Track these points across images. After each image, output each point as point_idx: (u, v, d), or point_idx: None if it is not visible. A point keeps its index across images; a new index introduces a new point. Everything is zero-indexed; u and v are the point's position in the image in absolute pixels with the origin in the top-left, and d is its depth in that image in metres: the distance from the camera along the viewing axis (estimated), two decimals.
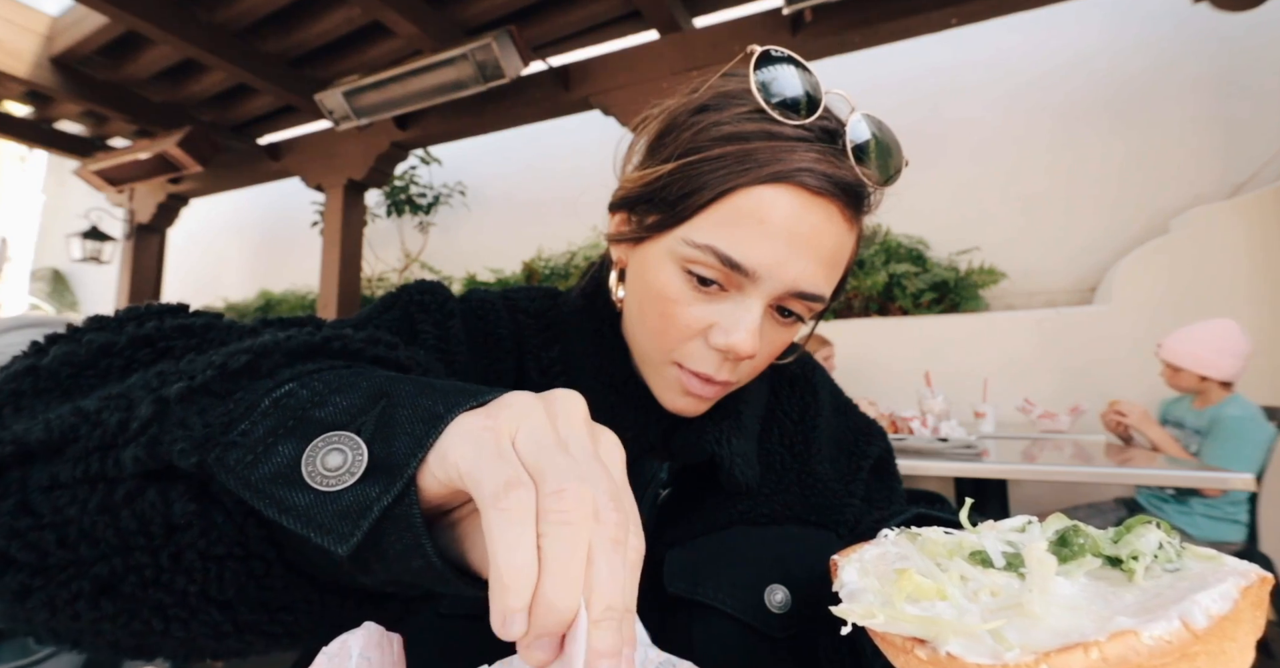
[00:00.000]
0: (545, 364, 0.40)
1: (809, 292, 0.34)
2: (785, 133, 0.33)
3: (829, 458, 0.44)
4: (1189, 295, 2.18)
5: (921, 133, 2.99)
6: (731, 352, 0.33)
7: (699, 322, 0.34)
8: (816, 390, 0.46)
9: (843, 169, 0.33)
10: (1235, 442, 1.50)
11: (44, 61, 2.76)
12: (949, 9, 2.04)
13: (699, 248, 0.33)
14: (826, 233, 0.33)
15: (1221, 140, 2.45)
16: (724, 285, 0.33)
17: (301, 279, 4.39)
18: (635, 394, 0.39)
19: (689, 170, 0.33)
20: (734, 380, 0.36)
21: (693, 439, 0.39)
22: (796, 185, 0.32)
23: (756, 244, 0.32)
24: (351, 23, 2.45)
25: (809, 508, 0.40)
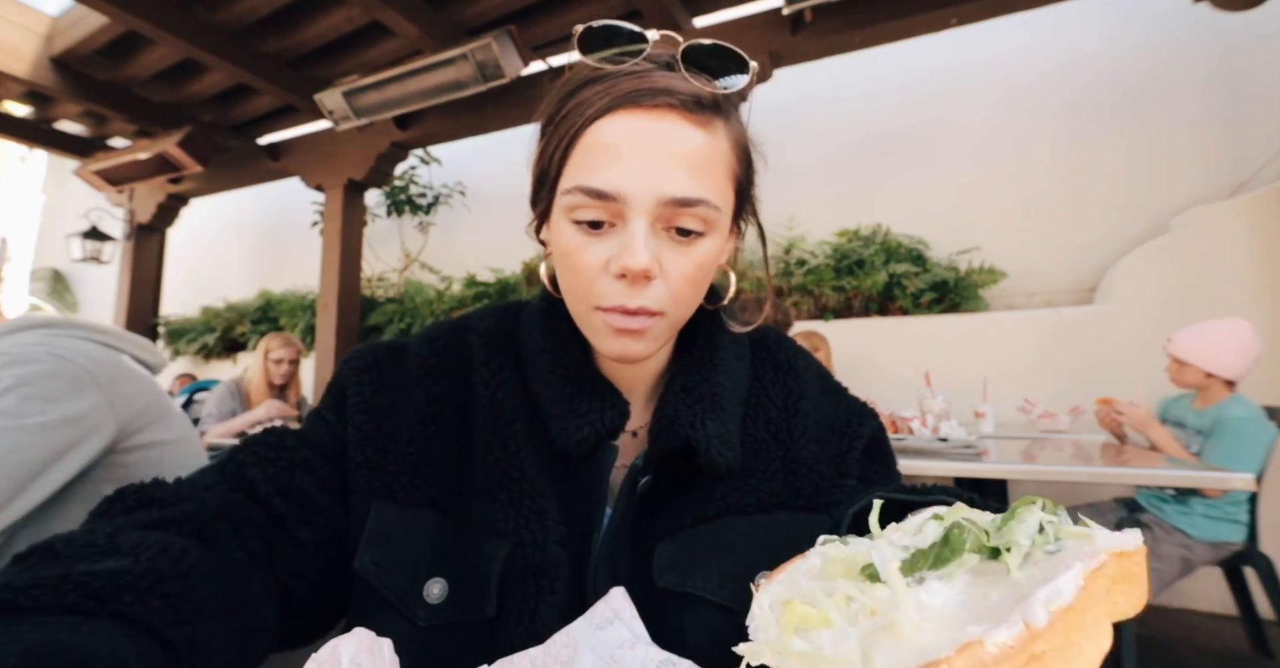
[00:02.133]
0: (488, 377, 0.42)
1: (681, 196, 0.34)
2: (611, 73, 0.36)
3: (816, 440, 0.43)
4: (1190, 296, 2.18)
5: (922, 133, 2.99)
6: (628, 270, 0.34)
7: (598, 259, 0.35)
8: (799, 374, 0.46)
9: (672, 80, 0.35)
10: (1238, 442, 1.50)
11: (44, 61, 2.76)
12: (949, 9, 2.04)
13: (570, 193, 0.35)
14: (674, 138, 0.34)
15: (1222, 140, 2.45)
16: (608, 221, 0.35)
17: (301, 279, 4.39)
18: (591, 381, 0.40)
19: (550, 137, 0.37)
20: (655, 307, 0.36)
21: (666, 424, 0.39)
22: (628, 107, 0.34)
23: (612, 168, 0.34)
24: (351, 22, 2.45)
25: (795, 493, 0.40)
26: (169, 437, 0.87)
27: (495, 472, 0.39)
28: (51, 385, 0.73)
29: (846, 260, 2.76)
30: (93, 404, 0.76)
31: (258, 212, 5.01)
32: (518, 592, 0.36)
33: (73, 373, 0.76)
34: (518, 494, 0.38)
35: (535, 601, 0.36)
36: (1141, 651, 1.52)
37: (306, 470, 0.39)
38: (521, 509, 0.38)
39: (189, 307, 4.84)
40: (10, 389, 0.71)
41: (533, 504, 0.38)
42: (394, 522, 0.38)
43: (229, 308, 4.58)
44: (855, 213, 2.98)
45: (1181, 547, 1.53)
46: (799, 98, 3.18)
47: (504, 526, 0.37)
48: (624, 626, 0.27)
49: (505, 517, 0.37)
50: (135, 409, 0.82)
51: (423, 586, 0.36)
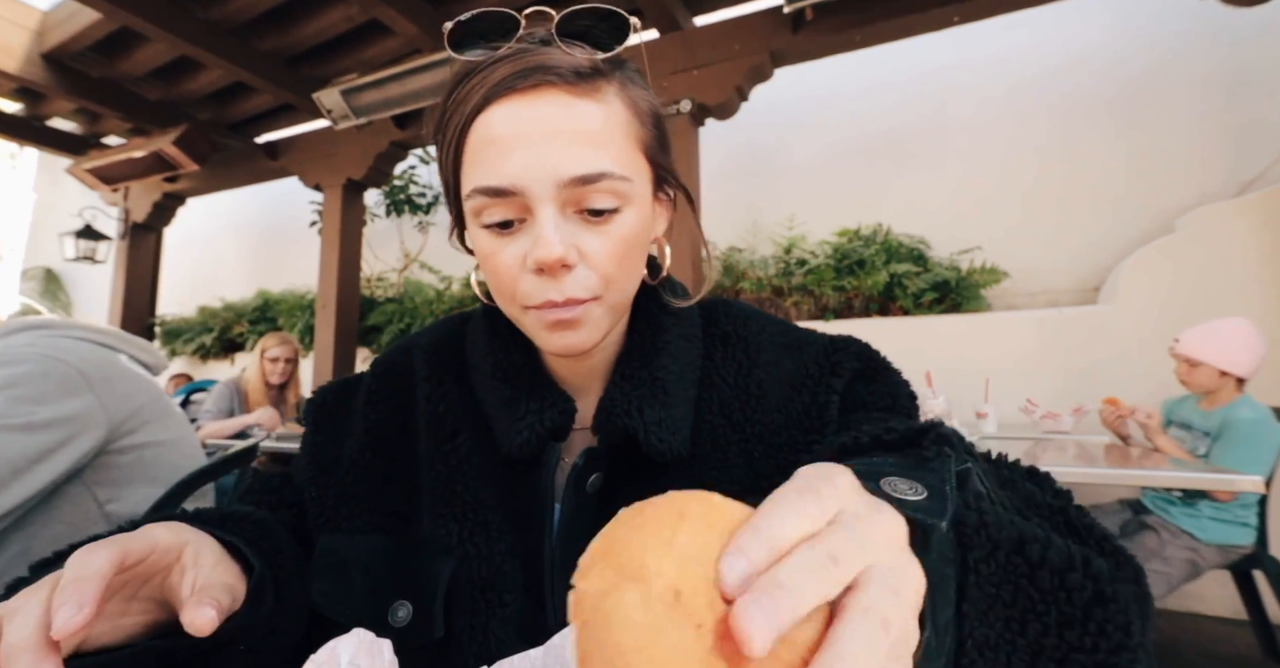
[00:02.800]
0: (429, 392, 0.42)
1: (580, 173, 0.32)
2: (478, 65, 0.34)
3: (778, 408, 0.39)
4: (1195, 296, 2.17)
5: (923, 132, 2.98)
6: (542, 264, 0.33)
7: (515, 259, 0.34)
8: (749, 341, 0.42)
9: (547, 56, 0.33)
10: (1248, 444, 1.48)
11: (34, 57, 2.72)
12: (950, 7, 2.03)
13: (471, 196, 0.34)
14: (559, 117, 0.33)
15: (1229, 138, 2.43)
16: (516, 217, 0.34)
17: (300, 279, 4.37)
18: (532, 381, 0.39)
19: (440, 144, 0.36)
20: (584, 295, 0.34)
21: (604, 418, 0.37)
22: (506, 95, 0.33)
23: (502, 162, 0.33)
24: (350, 21, 2.44)
25: (758, 475, 0.37)
26: (165, 437, 0.87)
27: (438, 487, 0.39)
28: (40, 386, 0.74)
29: (847, 260, 2.75)
30: (84, 404, 0.76)
31: (256, 211, 4.99)
32: (466, 609, 0.35)
33: (63, 373, 0.76)
34: (460, 508, 0.37)
35: (485, 616, 0.35)
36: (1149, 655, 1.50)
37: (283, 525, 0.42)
38: (465, 523, 0.37)
39: (185, 307, 4.81)
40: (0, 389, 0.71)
41: (476, 517, 0.37)
42: (343, 552, 0.39)
43: (226, 308, 4.56)
44: (856, 212, 2.97)
45: (1188, 550, 1.51)
46: (799, 96, 3.17)
47: (449, 541, 0.37)
48: None
49: (449, 532, 0.37)
50: (129, 409, 0.82)
51: (387, 609, 0.36)
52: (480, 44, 0.35)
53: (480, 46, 0.35)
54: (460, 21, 0.34)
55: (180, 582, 0.29)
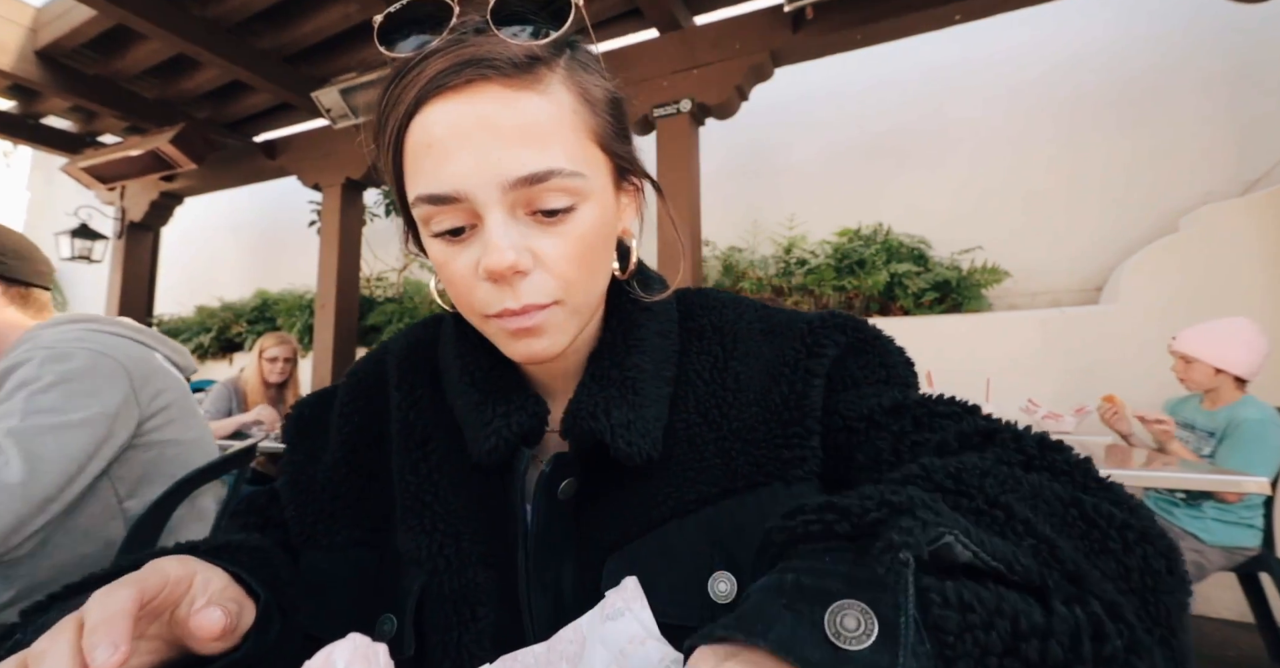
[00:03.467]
0: (399, 400, 0.41)
1: (525, 173, 0.30)
2: (408, 63, 0.32)
3: (757, 401, 0.37)
4: (1199, 295, 2.16)
5: (924, 131, 2.97)
6: (492, 274, 0.31)
7: (468, 268, 0.32)
8: (725, 330, 0.40)
9: (481, 47, 0.30)
10: (1254, 445, 1.46)
11: (28, 54, 2.69)
12: (951, 6, 2.02)
13: (415, 204, 0.32)
14: (497, 113, 0.30)
15: (1234, 136, 2.41)
16: (466, 223, 0.32)
17: (299, 279, 4.35)
18: (500, 384, 0.38)
19: (380, 150, 0.34)
20: (544, 300, 0.32)
21: (571, 421, 0.35)
22: (438, 93, 0.30)
23: (440, 167, 0.30)
24: (348, 19, 2.43)
25: (735, 475, 0.35)
26: (187, 437, 0.92)
27: (408, 498, 0.37)
28: (93, 382, 0.78)
29: (847, 260, 2.75)
30: (124, 397, 0.81)
31: (254, 210, 4.97)
32: (438, 624, 0.34)
33: (110, 368, 0.81)
34: (430, 519, 0.36)
35: (458, 631, 0.34)
36: None
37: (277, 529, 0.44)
38: (434, 535, 0.36)
39: (183, 306, 4.80)
40: (54, 385, 0.75)
41: (447, 528, 0.36)
42: (324, 570, 0.38)
43: (224, 308, 4.54)
44: (856, 212, 2.96)
45: (1193, 552, 1.50)
46: (799, 96, 3.16)
47: (419, 555, 0.36)
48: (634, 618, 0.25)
49: (419, 545, 0.36)
50: (159, 406, 0.87)
51: (374, 624, 0.35)
52: (413, 36, 0.32)
53: (413, 38, 0.32)
54: (390, 13, 0.31)
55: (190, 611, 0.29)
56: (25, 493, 0.68)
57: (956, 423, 0.33)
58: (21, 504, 0.68)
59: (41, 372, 0.76)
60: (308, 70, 2.78)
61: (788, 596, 0.19)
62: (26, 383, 0.75)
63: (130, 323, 0.93)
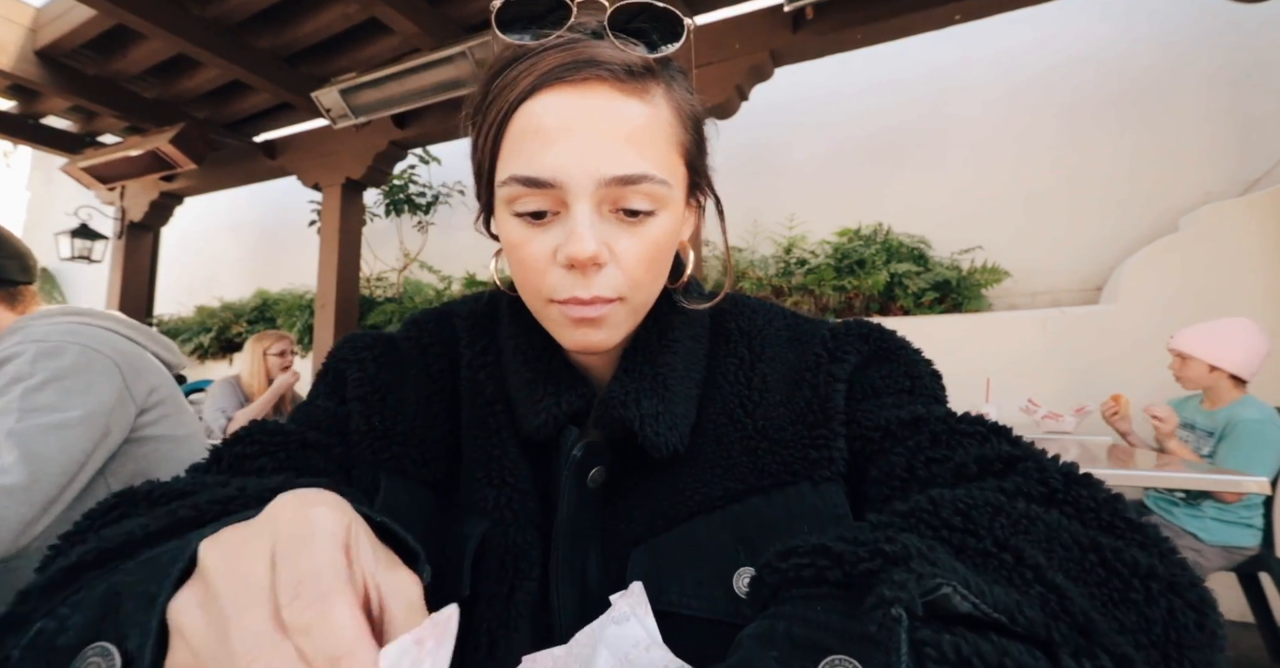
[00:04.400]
0: (471, 357, 0.42)
1: (622, 174, 0.32)
2: (532, 50, 0.33)
3: (782, 402, 0.38)
4: (1199, 295, 2.16)
5: (924, 130, 2.97)
6: (574, 261, 0.32)
7: (545, 251, 0.33)
8: (753, 335, 0.42)
9: (600, 50, 0.32)
10: (1253, 445, 1.46)
11: (28, 54, 2.68)
12: (951, 5, 2.02)
13: (506, 184, 0.33)
14: (606, 113, 0.32)
15: (1235, 136, 2.41)
16: (550, 209, 0.33)
17: (299, 279, 4.36)
18: (551, 366, 0.39)
19: (479, 126, 0.35)
20: (610, 294, 0.34)
21: (603, 409, 0.37)
22: (554, 84, 0.32)
23: (544, 152, 0.32)
24: (348, 19, 2.42)
25: (762, 473, 0.37)
26: (179, 433, 0.91)
27: (478, 452, 0.38)
28: (86, 378, 0.77)
29: (847, 260, 2.75)
30: (118, 394, 0.80)
31: (254, 210, 4.97)
32: (493, 573, 0.35)
33: (102, 364, 0.80)
34: (498, 473, 0.37)
35: (511, 584, 0.34)
36: None
37: (321, 451, 0.37)
38: (503, 488, 0.37)
39: (183, 306, 4.80)
40: (47, 383, 0.75)
41: (515, 483, 0.37)
42: (403, 498, 0.37)
43: (224, 308, 4.54)
44: (856, 212, 2.96)
45: (1191, 551, 1.50)
46: (800, 96, 3.16)
47: (484, 505, 0.36)
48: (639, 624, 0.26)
49: (485, 496, 0.37)
50: (153, 401, 0.86)
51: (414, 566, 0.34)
52: (529, 28, 0.34)
53: (529, 31, 0.34)
54: (509, 1, 0.33)
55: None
56: (29, 497, 0.68)
57: (979, 445, 0.33)
58: (26, 507, 0.68)
59: (34, 368, 0.75)
60: (308, 70, 2.77)
61: (779, 648, 0.19)
62: (20, 379, 0.74)
63: (120, 317, 0.93)
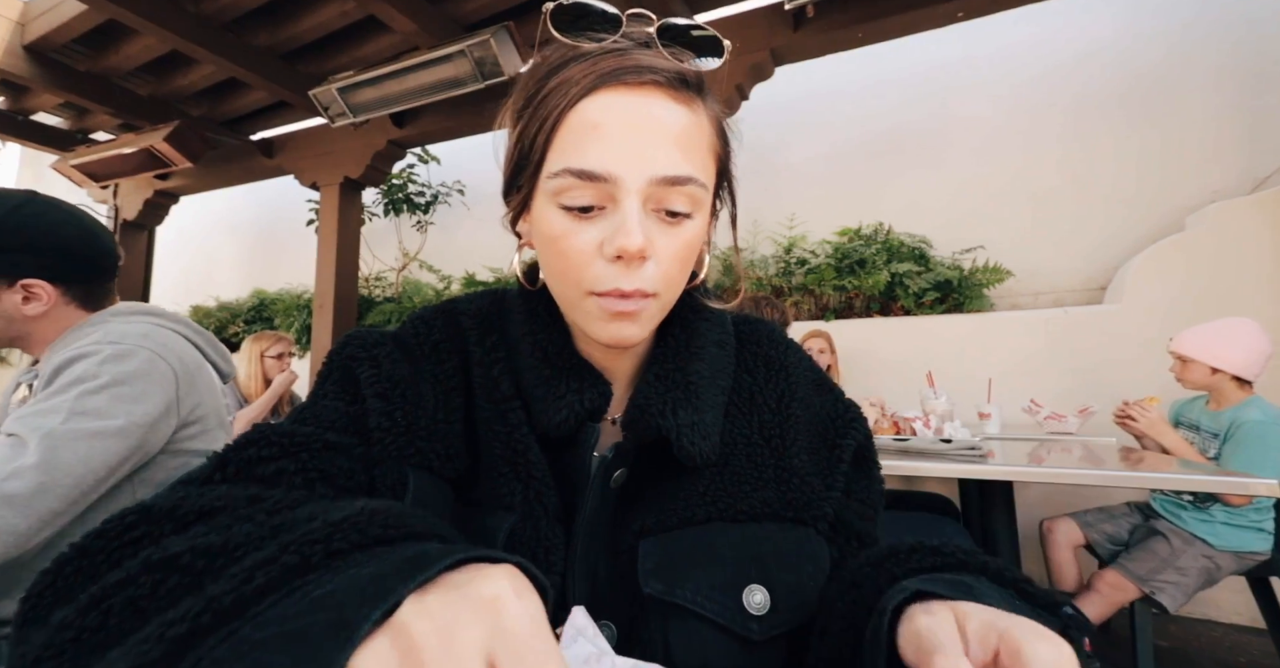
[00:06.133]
0: (483, 354, 0.42)
1: (672, 175, 0.34)
2: (593, 51, 0.35)
3: (808, 449, 0.42)
4: (1205, 295, 2.14)
5: (925, 129, 2.96)
6: (624, 252, 0.33)
7: (590, 244, 0.35)
8: (790, 372, 0.44)
9: (653, 58, 0.35)
10: (1258, 446, 1.44)
11: (16, 49, 2.64)
12: (954, 3, 2.01)
13: (558, 175, 0.34)
14: (662, 116, 0.34)
15: (1243, 133, 2.39)
16: (599, 204, 0.34)
17: (297, 278, 4.33)
18: (570, 363, 0.40)
19: (530, 118, 0.36)
20: (650, 290, 0.35)
21: (637, 414, 0.38)
22: (614, 84, 0.34)
23: (601, 147, 0.33)
24: (346, 17, 2.41)
25: (786, 504, 0.39)
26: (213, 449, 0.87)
27: (500, 447, 0.39)
28: (143, 386, 0.77)
29: (848, 260, 2.73)
30: (166, 407, 0.80)
31: (252, 209, 4.94)
32: None
33: (163, 373, 0.80)
34: (524, 467, 0.38)
35: None
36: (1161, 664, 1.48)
37: (343, 452, 0.36)
38: (530, 483, 0.37)
39: (179, 306, 4.77)
40: (105, 387, 0.74)
41: (540, 477, 0.38)
42: (429, 494, 0.37)
43: (221, 308, 4.52)
44: (857, 211, 2.95)
45: (1204, 557, 1.48)
46: (800, 95, 3.15)
47: (510, 500, 0.37)
48: (589, 642, 0.27)
49: (511, 491, 0.37)
50: (196, 416, 0.86)
51: None
52: (583, 32, 0.36)
53: (584, 34, 0.36)
54: (563, 4, 0.35)
55: None
56: (28, 508, 0.66)
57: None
58: (21, 519, 0.66)
59: (100, 370, 0.75)
60: (305, 68, 2.75)
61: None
62: (82, 379, 0.74)
63: (189, 321, 0.93)
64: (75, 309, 0.85)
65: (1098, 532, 1.72)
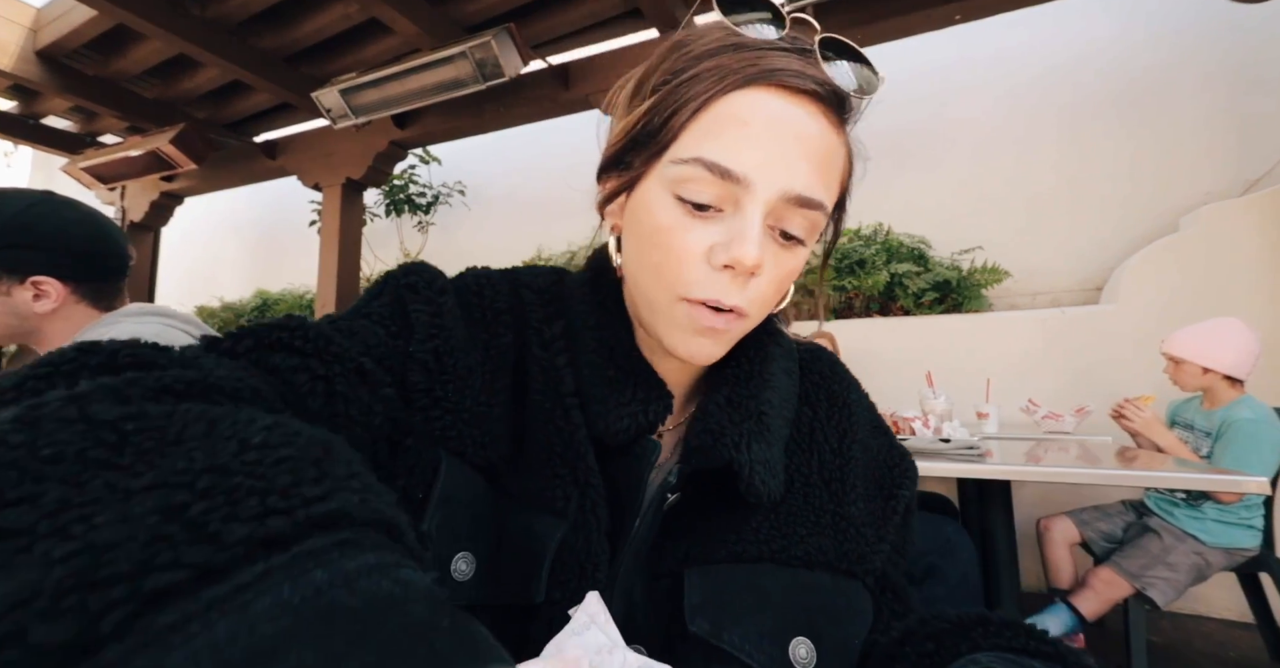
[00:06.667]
0: (547, 339, 0.38)
1: (805, 195, 0.31)
2: (757, 44, 0.33)
3: (864, 496, 0.39)
4: (1199, 295, 2.16)
5: (924, 131, 2.97)
6: (738, 264, 0.31)
7: (699, 245, 0.32)
8: (852, 410, 0.42)
9: (819, 68, 0.32)
10: (1248, 445, 1.47)
11: (29, 55, 2.68)
12: (952, 5, 2.02)
13: (686, 163, 0.31)
14: (813, 132, 0.32)
15: (1235, 136, 2.41)
16: (719, 205, 0.32)
17: (299, 279, 4.36)
18: (636, 368, 0.37)
19: (668, 96, 0.33)
20: (745, 308, 0.33)
21: (709, 441, 0.35)
22: (775, 85, 0.31)
23: (743, 146, 0.31)
24: (349, 19, 2.42)
25: (841, 555, 0.36)
26: None
27: (555, 443, 0.35)
28: None
29: (847, 260, 2.75)
30: None
31: (255, 210, 4.97)
32: (566, 579, 0.32)
33: None
34: (582, 472, 0.34)
35: (575, 588, 0.32)
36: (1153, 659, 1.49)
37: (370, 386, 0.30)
38: (586, 490, 0.34)
39: (184, 306, 4.79)
40: None
41: (596, 486, 0.34)
42: (459, 483, 0.33)
43: (225, 308, 4.55)
44: (856, 212, 2.89)
45: (1195, 554, 1.50)
46: None
47: (562, 505, 0.33)
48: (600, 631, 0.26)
49: (565, 495, 0.33)
50: None
51: (450, 560, 0.31)
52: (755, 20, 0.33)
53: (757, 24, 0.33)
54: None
55: None
56: None
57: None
58: None
59: None
60: (308, 70, 2.77)
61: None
62: None
63: (199, 323, 0.92)
64: (86, 308, 0.86)
65: (1093, 530, 1.74)
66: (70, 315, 0.85)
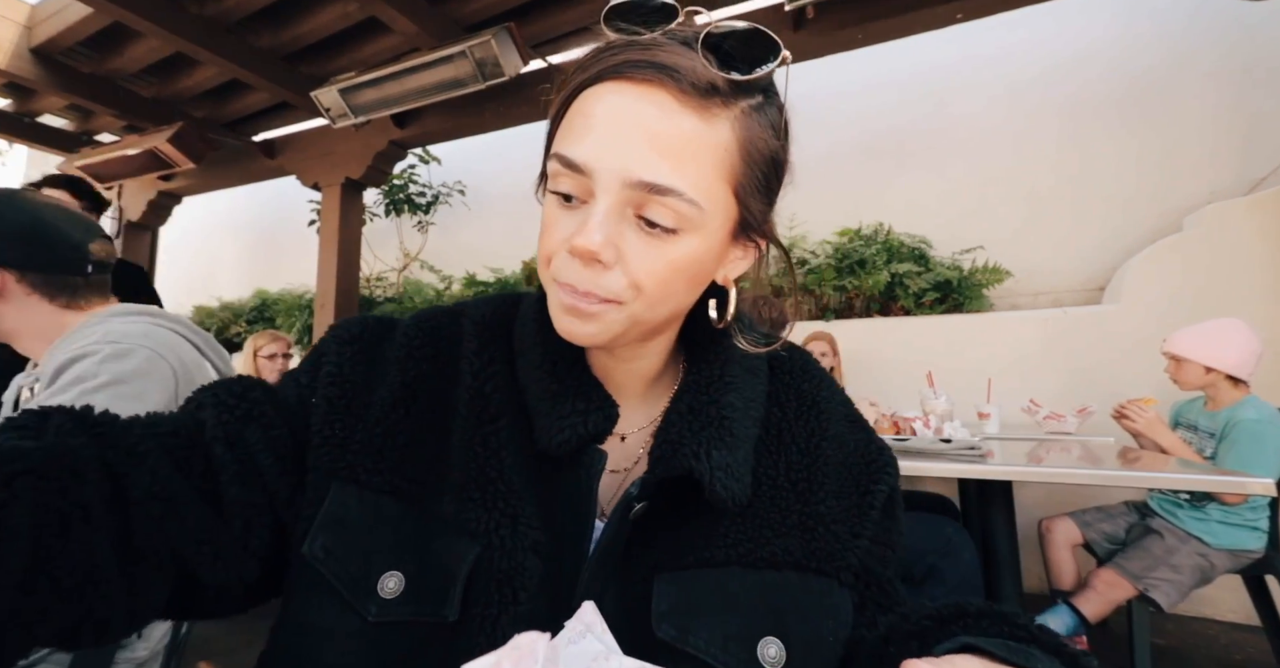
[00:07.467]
0: (478, 367, 0.40)
1: (649, 180, 0.31)
2: (618, 43, 0.34)
3: (835, 493, 0.40)
4: (1202, 295, 2.15)
5: (925, 130, 2.97)
6: (575, 251, 0.32)
7: (563, 232, 0.34)
8: (822, 408, 0.42)
9: (674, 56, 0.32)
10: (1253, 445, 1.46)
11: (23, 52, 2.67)
12: (953, 4, 2.01)
13: (551, 159, 0.34)
14: (656, 119, 0.32)
15: (1239, 135, 2.40)
16: (579, 196, 0.33)
17: (298, 279, 4.35)
18: (579, 379, 0.38)
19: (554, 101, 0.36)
20: (605, 295, 0.33)
21: (669, 451, 0.36)
22: (617, 78, 0.32)
23: (584, 138, 0.32)
24: (348, 18, 2.41)
25: (809, 554, 0.37)
26: None
27: (472, 468, 0.37)
28: (143, 385, 0.77)
29: (848, 260, 2.74)
30: (166, 406, 0.79)
31: (253, 210, 4.96)
32: (481, 598, 0.34)
33: (163, 372, 0.79)
34: (492, 495, 0.36)
35: (498, 609, 0.33)
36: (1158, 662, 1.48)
37: (261, 426, 0.37)
38: (494, 511, 0.35)
39: (182, 306, 4.79)
40: (105, 386, 0.74)
41: (506, 507, 0.36)
42: (352, 507, 0.36)
43: (223, 308, 4.54)
44: (857, 212, 2.95)
45: (1199, 556, 1.49)
46: (800, 95, 3.05)
47: (475, 527, 0.35)
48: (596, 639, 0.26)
49: (477, 518, 0.35)
50: None
51: (377, 578, 0.33)
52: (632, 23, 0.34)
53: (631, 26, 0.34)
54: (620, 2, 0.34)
55: None
56: None
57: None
58: None
59: (100, 370, 0.75)
60: (307, 69, 2.77)
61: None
62: (82, 379, 0.74)
63: (188, 321, 0.92)
64: (39, 300, 0.83)
65: (1095, 531, 1.73)
66: (24, 307, 0.82)
